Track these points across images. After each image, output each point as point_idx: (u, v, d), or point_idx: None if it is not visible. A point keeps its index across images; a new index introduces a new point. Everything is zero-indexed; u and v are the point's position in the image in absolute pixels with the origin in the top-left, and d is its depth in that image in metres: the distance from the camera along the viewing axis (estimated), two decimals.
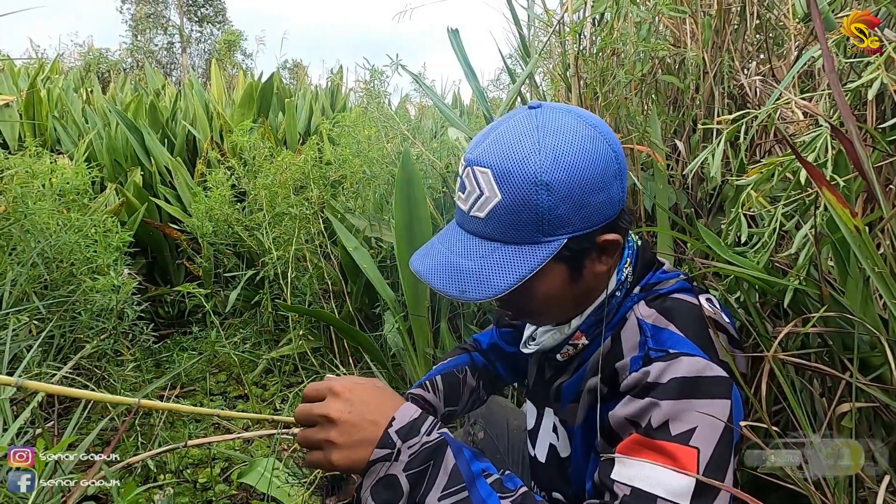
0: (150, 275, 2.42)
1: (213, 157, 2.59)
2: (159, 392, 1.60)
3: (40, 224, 1.49)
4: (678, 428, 0.50)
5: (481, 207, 0.56)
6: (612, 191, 0.56)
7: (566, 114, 0.57)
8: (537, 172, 0.53)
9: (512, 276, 0.54)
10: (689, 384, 0.51)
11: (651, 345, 0.56)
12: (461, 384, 0.86)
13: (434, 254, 0.60)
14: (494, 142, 0.56)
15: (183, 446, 1.14)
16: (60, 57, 6.63)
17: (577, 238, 0.56)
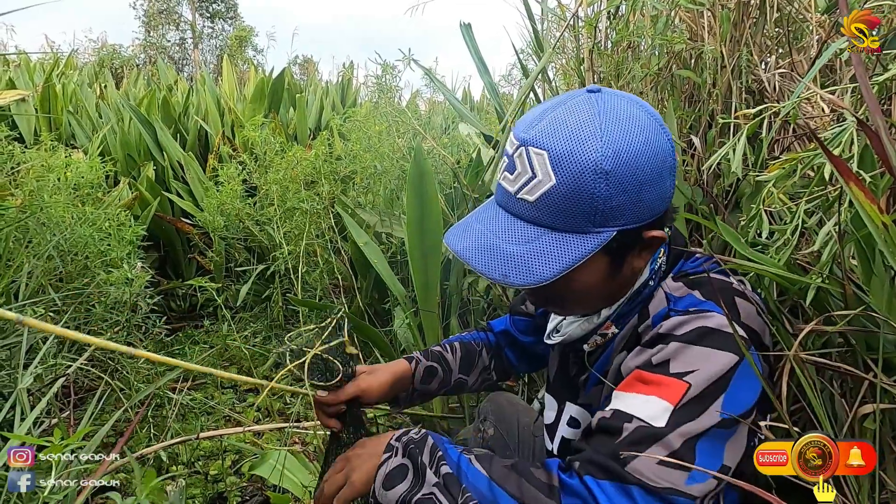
0: (163, 268, 2.44)
1: (224, 152, 2.61)
2: (172, 384, 1.61)
3: (56, 217, 1.50)
4: (676, 367, 0.51)
5: (532, 191, 0.54)
6: (665, 185, 0.55)
7: (628, 102, 0.55)
8: (598, 160, 0.51)
9: (557, 265, 0.53)
10: (700, 332, 0.52)
11: (672, 306, 0.56)
12: (476, 357, 0.86)
13: (474, 234, 0.58)
14: (552, 123, 0.54)
15: (195, 438, 1.15)
16: (75, 53, 6.70)
17: (625, 231, 0.54)
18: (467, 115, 1.57)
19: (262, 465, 1.14)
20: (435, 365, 0.83)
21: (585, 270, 0.56)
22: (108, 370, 1.51)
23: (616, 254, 0.57)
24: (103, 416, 1.36)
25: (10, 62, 4.07)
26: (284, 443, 1.36)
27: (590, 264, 0.55)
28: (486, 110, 4.05)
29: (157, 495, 1.00)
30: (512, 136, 0.57)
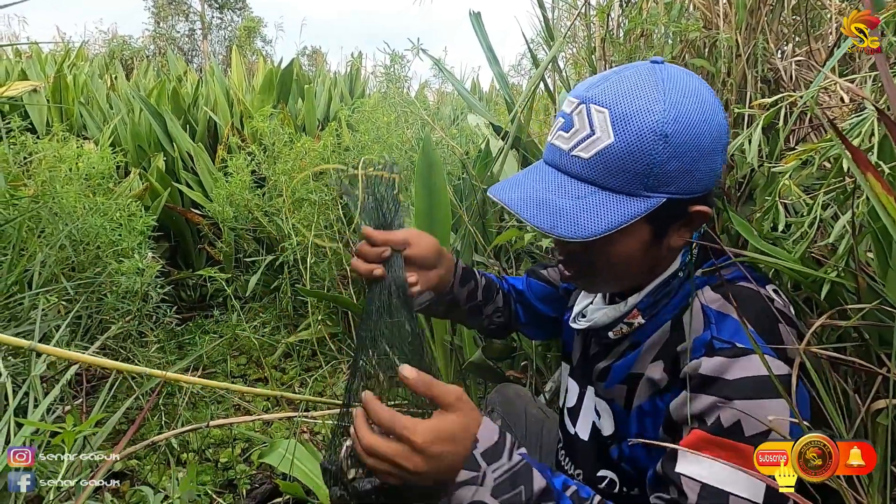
0: (173, 259, 2.46)
1: (233, 143, 2.62)
2: (182, 373, 1.63)
3: (68, 207, 1.52)
4: (752, 429, 0.49)
5: (588, 148, 0.54)
6: (717, 161, 0.56)
7: (689, 75, 0.56)
8: (659, 122, 0.52)
9: (605, 222, 0.53)
10: (760, 383, 0.50)
11: (715, 332, 0.54)
12: (495, 292, 0.84)
13: (522, 187, 0.58)
14: (615, 84, 0.55)
15: (205, 426, 1.16)
16: (86, 44, 6.74)
17: (674, 201, 0.54)
18: (476, 105, 1.55)
19: (272, 454, 1.15)
20: (469, 272, 0.80)
21: (628, 237, 0.56)
22: (120, 358, 1.53)
23: (660, 224, 0.56)
24: (115, 404, 1.38)
25: (22, 53, 4.10)
26: (293, 432, 1.38)
27: (633, 231, 0.55)
28: (494, 101, 4.02)
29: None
30: (570, 96, 0.57)
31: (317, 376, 1.72)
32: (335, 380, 1.72)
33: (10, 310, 1.14)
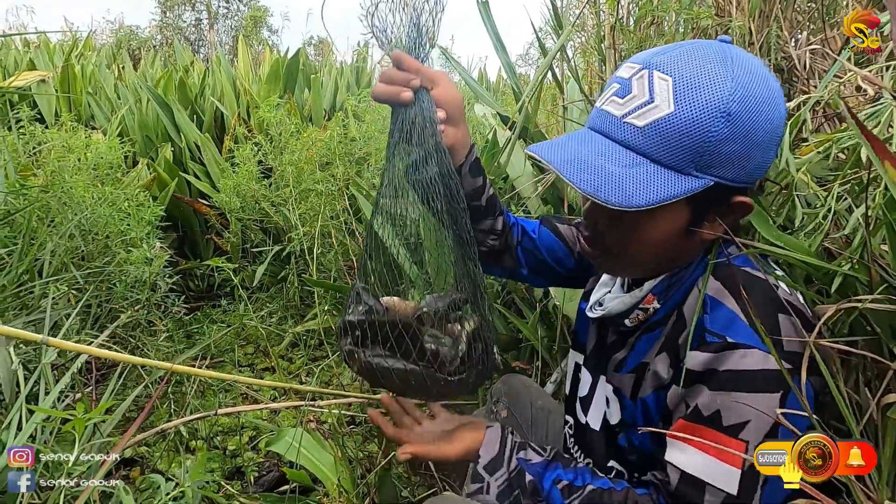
0: (181, 249, 2.48)
1: (240, 133, 2.62)
2: (190, 362, 1.65)
3: (77, 197, 1.53)
4: (729, 420, 0.50)
5: (643, 116, 0.51)
6: (770, 154, 0.54)
7: (757, 60, 0.54)
8: (724, 99, 0.49)
9: (652, 195, 0.50)
10: (744, 378, 0.50)
11: (708, 325, 0.53)
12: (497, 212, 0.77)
13: (565, 149, 0.55)
14: (683, 55, 0.52)
15: (213, 414, 1.17)
16: (93, 34, 6.75)
17: (720, 187, 0.52)
18: (483, 95, 1.54)
19: (279, 442, 1.16)
20: (481, 169, 0.73)
21: (666, 217, 0.54)
22: (129, 347, 1.54)
23: (700, 209, 0.54)
24: (125, 392, 1.40)
25: (30, 43, 4.11)
26: (300, 421, 1.39)
27: (672, 211, 0.54)
28: (502, 91, 3.99)
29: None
30: (630, 62, 0.55)
31: (323, 366, 1.72)
32: (341, 370, 1.73)
33: (21, 298, 1.15)
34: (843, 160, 0.67)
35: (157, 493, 0.66)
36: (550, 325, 1.37)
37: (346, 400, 1.31)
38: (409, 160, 0.60)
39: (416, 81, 0.59)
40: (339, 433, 1.22)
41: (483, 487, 0.59)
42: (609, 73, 1.06)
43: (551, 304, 1.33)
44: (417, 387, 0.58)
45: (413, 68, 0.59)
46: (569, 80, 1.59)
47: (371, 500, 1.12)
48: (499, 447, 0.60)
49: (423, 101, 0.58)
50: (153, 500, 0.90)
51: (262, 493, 1.21)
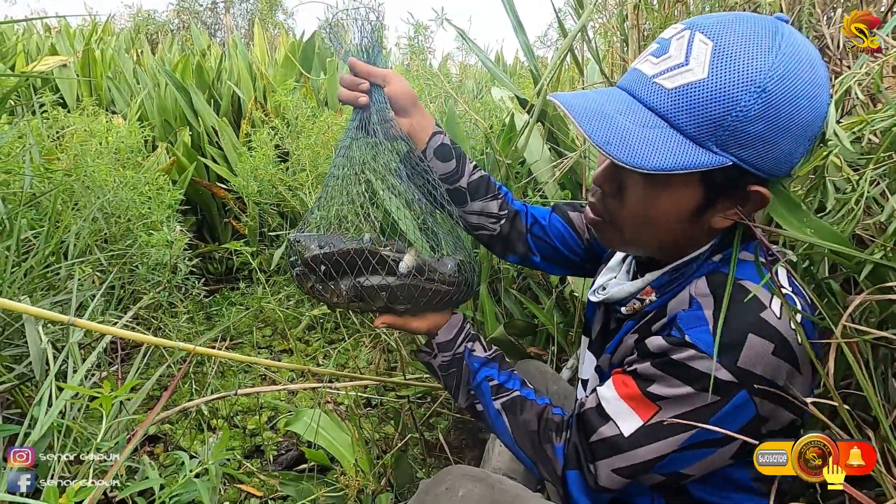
0: (200, 232, 2.52)
1: (257, 118, 2.62)
2: (210, 343, 1.68)
3: (99, 181, 1.55)
4: (655, 389, 0.52)
5: (673, 77, 0.49)
6: (800, 149, 0.51)
7: (811, 47, 0.50)
8: (761, 73, 0.47)
9: (664, 160, 0.48)
10: (689, 373, 0.51)
11: (680, 319, 0.53)
12: (490, 194, 0.79)
13: (586, 99, 0.53)
14: (732, 22, 0.49)
15: (233, 394, 1.20)
16: (112, 18, 6.79)
17: (738, 171, 0.50)
18: (501, 77, 1.51)
19: (297, 422, 1.19)
20: (452, 151, 0.76)
21: (675, 192, 0.53)
22: (151, 328, 1.58)
23: (713, 191, 0.52)
24: (148, 371, 1.43)
25: (51, 28, 4.16)
26: (317, 402, 1.41)
27: (683, 187, 0.52)
28: (519, 73, 3.92)
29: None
30: (677, 24, 0.53)
31: (340, 349, 1.75)
32: (357, 352, 1.75)
33: (48, 279, 1.18)
34: (876, 143, 0.64)
35: (181, 469, 0.68)
36: (566, 310, 1.36)
37: (362, 382, 1.33)
38: (368, 152, 0.70)
39: (365, 85, 0.69)
40: (355, 415, 1.24)
41: (431, 354, 0.70)
42: (631, 54, 1.04)
43: (568, 289, 1.32)
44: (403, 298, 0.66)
45: (364, 72, 0.69)
46: (588, 62, 1.56)
47: (387, 481, 1.14)
48: (455, 333, 0.69)
49: (377, 99, 0.69)
50: (177, 475, 0.93)
51: (281, 471, 1.24)
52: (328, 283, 0.65)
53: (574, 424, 0.59)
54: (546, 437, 0.61)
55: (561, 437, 0.60)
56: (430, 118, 0.76)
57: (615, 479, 0.55)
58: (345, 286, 0.64)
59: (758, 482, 0.57)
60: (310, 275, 0.66)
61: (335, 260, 0.64)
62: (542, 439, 0.61)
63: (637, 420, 0.53)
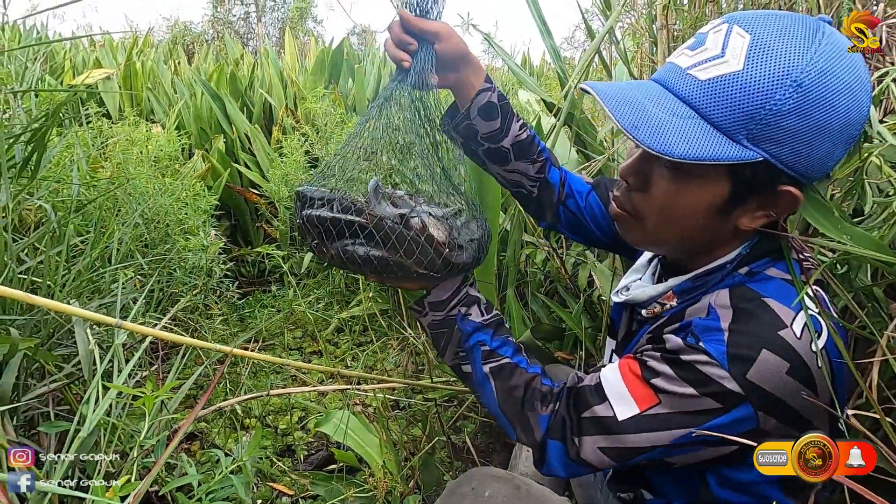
0: (234, 236, 2.59)
1: (287, 124, 2.69)
2: (244, 345, 1.74)
3: (140, 188, 1.63)
4: (659, 383, 0.51)
5: (708, 69, 0.49)
6: (836, 151, 0.49)
7: (852, 49, 0.49)
8: (798, 68, 0.46)
9: (692, 149, 0.47)
10: (697, 376, 0.50)
11: (696, 325, 0.52)
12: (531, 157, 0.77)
13: (617, 87, 0.53)
14: (772, 17, 0.49)
15: (266, 395, 1.24)
16: (151, 31, 7.09)
17: (769, 168, 0.49)
18: (527, 80, 1.51)
19: (327, 423, 1.21)
20: (499, 109, 0.72)
21: (702, 185, 0.52)
22: (189, 329, 1.64)
23: (741, 188, 0.51)
24: (186, 371, 1.49)
25: (95, 42, 4.37)
26: (346, 404, 1.44)
27: (710, 180, 0.51)
28: (546, 76, 3.90)
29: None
30: (716, 19, 0.53)
31: (368, 351, 1.77)
32: (385, 355, 1.77)
33: (95, 283, 1.24)
34: None
35: (216, 466, 0.70)
36: (594, 314, 1.35)
37: (389, 385, 1.35)
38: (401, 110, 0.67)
39: (414, 46, 0.65)
40: (383, 416, 1.26)
41: (421, 312, 0.67)
42: (660, 56, 1.02)
43: (596, 293, 1.31)
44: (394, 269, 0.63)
45: (415, 27, 0.64)
46: (617, 63, 1.54)
47: (415, 482, 1.15)
48: (449, 294, 0.66)
49: (422, 58, 0.64)
50: (212, 472, 0.96)
51: (311, 471, 1.27)
52: (322, 244, 0.63)
53: (565, 397, 0.59)
54: (531, 405, 0.61)
55: (547, 406, 0.60)
56: (481, 72, 0.72)
57: (599, 456, 0.55)
58: (334, 250, 0.63)
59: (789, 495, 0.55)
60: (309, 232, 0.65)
61: (327, 224, 0.63)
62: (527, 406, 0.61)
63: (634, 407, 0.53)
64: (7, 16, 1.14)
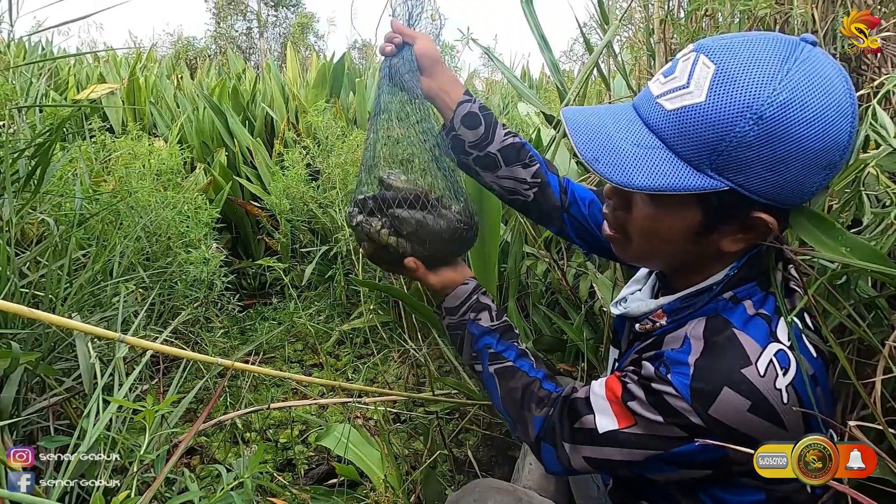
0: (235, 249, 2.60)
1: (289, 137, 2.71)
2: (244, 357, 1.73)
3: (142, 201, 1.64)
4: (635, 406, 0.53)
5: (674, 99, 0.49)
6: (813, 178, 0.49)
7: (836, 70, 0.48)
8: (760, 99, 0.46)
9: (650, 180, 0.49)
10: (666, 406, 0.52)
11: (667, 359, 0.53)
12: (517, 159, 0.79)
13: (593, 114, 0.55)
14: (739, 44, 0.48)
15: (266, 408, 1.23)
16: (154, 46, 7.17)
17: (737, 196, 0.49)
18: (527, 93, 1.53)
19: (328, 437, 1.20)
20: (481, 118, 0.77)
21: (674, 213, 0.53)
22: (189, 342, 1.64)
23: (712, 215, 0.52)
24: (186, 384, 1.48)
25: (99, 58, 4.42)
26: (347, 417, 1.43)
27: (681, 209, 0.52)
28: (545, 88, 3.93)
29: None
30: (690, 44, 0.53)
31: (369, 364, 1.77)
32: (386, 367, 1.76)
33: (97, 297, 1.24)
34: None
35: (216, 481, 0.70)
36: (596, 326, 1.35)
37: (390, 398, 1.34)
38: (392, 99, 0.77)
39: (397, 39, 0.76)
40: (385, 430, 1.25)
41: (441, 316, 0.75)
42: (658, 69, 1.03)
43: (597, 304, 1.31)
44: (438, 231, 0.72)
45: (396, 28, 0.76)
46: (615, 76, 1.56)
47: (417, 497, 1.14)
48: (460, 302, 0.72)
49: (407, 57, 0.76)
50: (212, 487, 0.95)
51: (312, 485, 1.25)
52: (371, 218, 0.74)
53: (559, 406, 0.62)
54: (528, 406, 0.65)
55: (542, 410, 0.64)
56: (457, 84, 0.79)
57: (583, 464, 0.58)
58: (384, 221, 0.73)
59: None
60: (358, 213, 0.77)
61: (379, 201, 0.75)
62: (524, 407, 0.65)
63: (614, 423, 0.55)
64: (13, 32, 1.16)
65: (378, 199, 0.75)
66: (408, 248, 0.72)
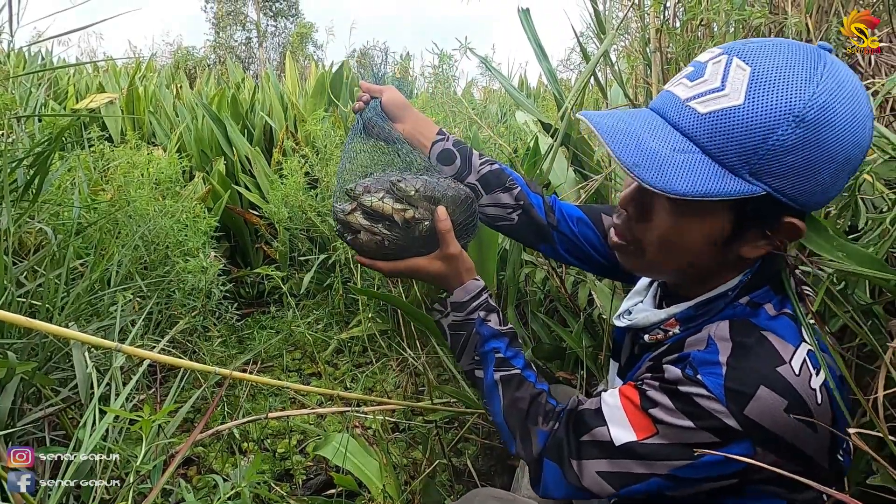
0: (233, 257, 2.59)
1: (288, 146, 2.72)
2: (242, 366, 1.72)
3: (141, 210, 1.63)
4: (658, 413, 0.51)
5: (707, 102, 0.48)
6: (839, 182, 0.49)
7: (854, 76, 0.49)
8: (802, 102, 0.45)
9: (693, 185, 0.47)
10: (695, 410, 0.50)
11: (694, 358, 0.52)
12: (497, 186, 0.80)
13: (616, 119, 0.53)
14: (772, 48, 0.48)
15: (264, 418, 1.22)
16: (154, 56, 7.21)
17: (772, 201, 0.48)
18: (524, 102, 1.53)
19: (326, 447, 1.19)
20: (455, 152, 0.80)
21: (704, 218, 0.51)
22: (187, 351, 1.63)
23: (743, 220, 0.51)
24: (183, 394, 1.47)
25: (99, 68, 4.44)
26: (346, 426, 1.42)
27: (712, 214, 0.51)
28: (542, 97, 3.96)
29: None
30: (714, 48, 0.52)
31: (367, 372, 1.76)
32: (385, 376, 1.75)
33: (94, 306, 1.24)
34: None
35: (214, 492, 0.69)
36: (595, 333, 1.34)
37: (389, 407, 1.33)
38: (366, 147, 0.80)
39: (365, 97, 0.82)
40: (383, 439, 1.24)
41: (443, 313, 0.70)
42: (654, 77, 1.04)
43: (596, 312, 1.31)
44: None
45: (364, 87, 0.83)
46: (612, 84, 1.57)
47: None
48: (470, 297, 0.69)
49: (374, 107, 0.81)
50: (209, 498, 0.94)
51: (310, 496, 1.24)
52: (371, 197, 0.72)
53: (565, 419, 0.59)
54: (533, 419, 0.62)
55: (547, 424, 0.61)
56: (430, 124, 0.83)
57: (597, 480, 0.55)
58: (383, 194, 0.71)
59: None
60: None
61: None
62: (529, 419, 0.62)
63: (632, 434, 0.53)
64: (14, 42, 1.17)
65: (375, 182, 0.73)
66: (416, 213, 0.67)
